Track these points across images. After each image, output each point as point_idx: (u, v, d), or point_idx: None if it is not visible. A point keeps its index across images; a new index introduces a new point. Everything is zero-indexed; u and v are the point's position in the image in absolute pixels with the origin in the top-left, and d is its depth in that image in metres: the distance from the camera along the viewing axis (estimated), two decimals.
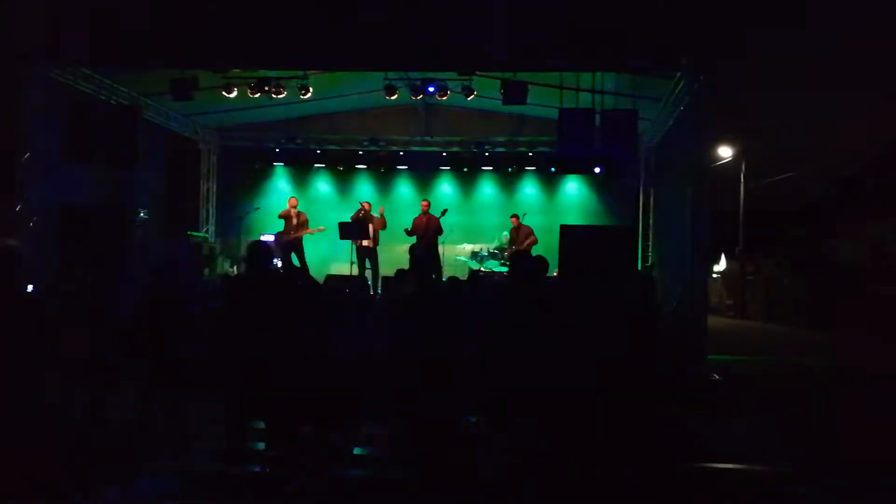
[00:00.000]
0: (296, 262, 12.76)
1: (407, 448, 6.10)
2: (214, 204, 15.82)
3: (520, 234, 13.04)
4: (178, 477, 5.81)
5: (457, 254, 13.95)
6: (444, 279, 11.67)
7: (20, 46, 9.89)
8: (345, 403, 6.76)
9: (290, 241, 12.95)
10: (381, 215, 13.39)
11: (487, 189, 15.65)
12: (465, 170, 15.38)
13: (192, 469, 5.93)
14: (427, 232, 12.63)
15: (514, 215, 13.29)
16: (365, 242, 12.84)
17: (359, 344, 7.12)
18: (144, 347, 6.84)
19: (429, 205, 13.13)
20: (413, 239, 12.67)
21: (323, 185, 15.91)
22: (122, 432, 6.88)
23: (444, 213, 12.86)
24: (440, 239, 12.83)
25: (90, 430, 6.88)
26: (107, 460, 6.12)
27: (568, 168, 12.05)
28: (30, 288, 6.15)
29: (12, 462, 4.37)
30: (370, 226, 12.92)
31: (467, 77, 11.53)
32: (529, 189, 15.49)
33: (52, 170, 10.45)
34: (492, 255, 13.41)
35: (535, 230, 13.20)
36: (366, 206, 13.30)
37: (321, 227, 13.17)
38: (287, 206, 13.40)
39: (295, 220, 13.11)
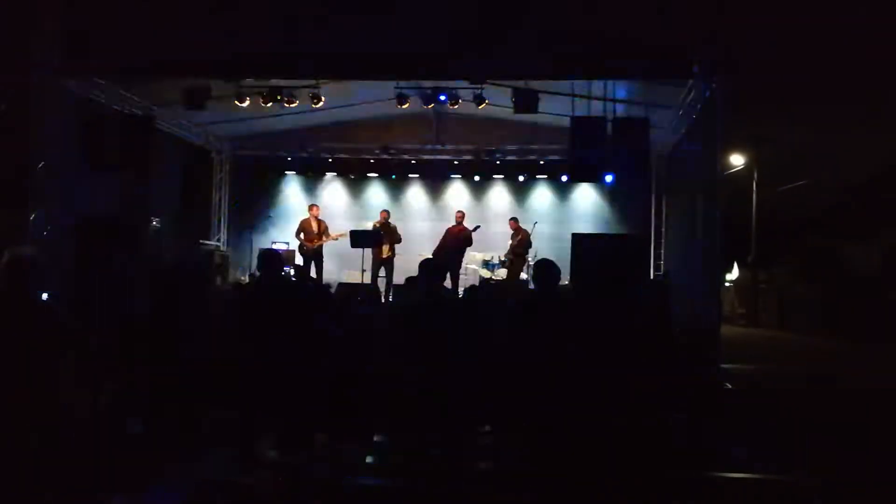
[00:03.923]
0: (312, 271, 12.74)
1: (419, 457, 6.09)
2: (226, 213, 15.87)
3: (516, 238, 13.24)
4: (189, 484, 5.81)
5: (467, 262, 13.94)
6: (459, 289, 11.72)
7: (35, 57, 9.98)
8: (358, 412, 6.77)
9: (314, 249, 12.95)
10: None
11: (499, 197, 15.63)
12: (477, 178, 15.38)
13: (204, 476, 5.93)
14: (457, 242, 12.68)
15: (513, 219, 13.48)
16: (385, 253, 12.83)
17: (369, 352, 7.13)
18: (157, 353, 6.90)
19: (463, 215, 13.21)
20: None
21: (334, 194, 15.93)
22: (133, 438, 6.91)
23: (476, 228, 12.96)
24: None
25: (101, 435, 6.92)
26: (118, 467, 6.14)
27: (580, 176, 12.05)
28: (44, 296, 6.18)
29: (22, 468, 4.39)
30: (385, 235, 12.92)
31: (478, 86, 11.55)
32: (541, 197, 15.46)
33: (66, 179, 10.52)
34: (503, 264, 13.42)
35: (546, 238, 13.23)
36: (383, 214, 13.33)
37: (344, 233, 13.05)
38: (308, 215, 13.40)
39: (316, 229, 13.10)
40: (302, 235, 13.12)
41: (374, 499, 5.67)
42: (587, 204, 15.32)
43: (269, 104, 11.89)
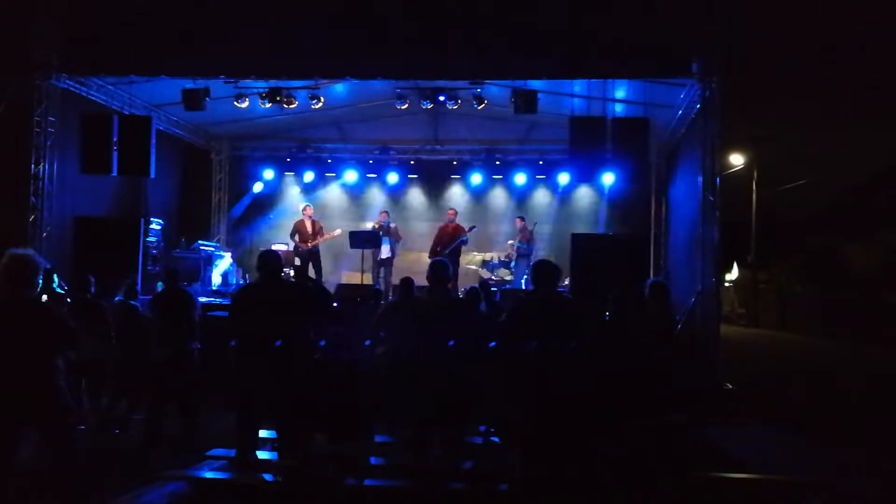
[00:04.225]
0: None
1: (419, 457, 6.10)
2: (226, 213, 15.85)
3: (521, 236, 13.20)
4: (188, 485, 5.81)
5: (467, 263, 13.93)
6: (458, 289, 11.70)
7: (35, 57, 9.98)
8: (357, 412, 6.77)
9: (309, 250, 12.89)
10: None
11: (499, 197, 15.60)
12: (476, 178, 15.36)
13: (204, 476, 5.93)
14: (452, 241, 12.63)
15: (520, 217, 13.44)
16: (384, 254, 12.79)
17: (368, 352, 7.13)
18: (157, 353, 6.90)
19: (455, 213, 13.16)
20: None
21: (334, 194, 15.91)
22: (134, 438, 6.91)
23: (471, 228, 12.93)
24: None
25: (101, 436, 6.92)
26: (117, 467, 6.14)
27: (579, 176, 12.04)
28: (44, 297, 6.18)
29: (21, 468, 4.39)
30: (387, 236, 12.89)
31: (478, 86, 11.54)
32: (541, 197, 15.44)
33: (66, 179, 10.52)
34: (502, 264, 13.42)
35: (546, 238, 13.21)
36: (383, 215, 13.31)
37: (337, 232, 13.06)
38: (301, 216, 13.34)
39: (311, 229, 13.03)
40: (297, 237, 13.05)
41: (374, 499, 5.67)
42: (587, 204, 15.29)
43: (269, 104, 11.87)
